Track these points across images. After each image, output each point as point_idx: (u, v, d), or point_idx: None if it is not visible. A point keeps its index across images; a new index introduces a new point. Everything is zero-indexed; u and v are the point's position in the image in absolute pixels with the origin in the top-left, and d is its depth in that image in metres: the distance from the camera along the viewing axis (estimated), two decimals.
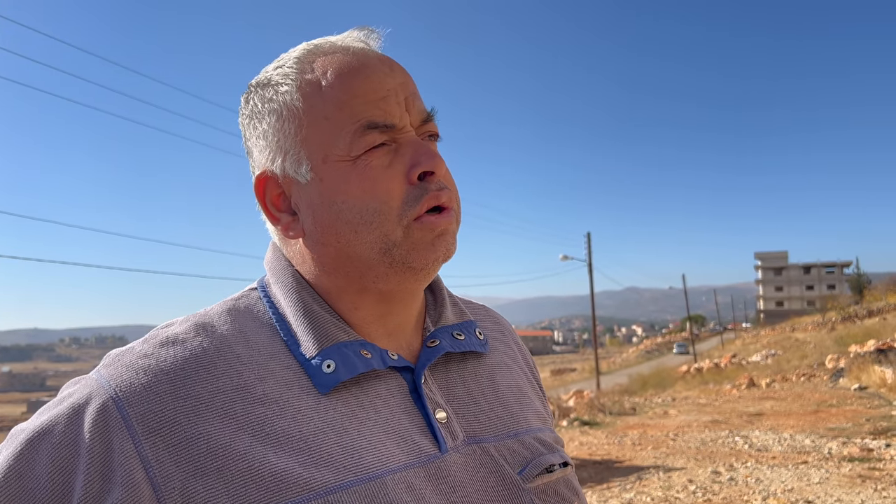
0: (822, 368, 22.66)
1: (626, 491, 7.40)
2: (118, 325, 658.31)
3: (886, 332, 24.61)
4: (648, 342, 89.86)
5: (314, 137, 0.71)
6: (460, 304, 0.88)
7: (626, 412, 15.15)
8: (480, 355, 0.84)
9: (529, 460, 0.77)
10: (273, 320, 0.73)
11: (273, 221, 0.76)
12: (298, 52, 0.76)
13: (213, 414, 0.64)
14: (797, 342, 31.76)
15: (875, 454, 8.78)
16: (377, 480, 0.65)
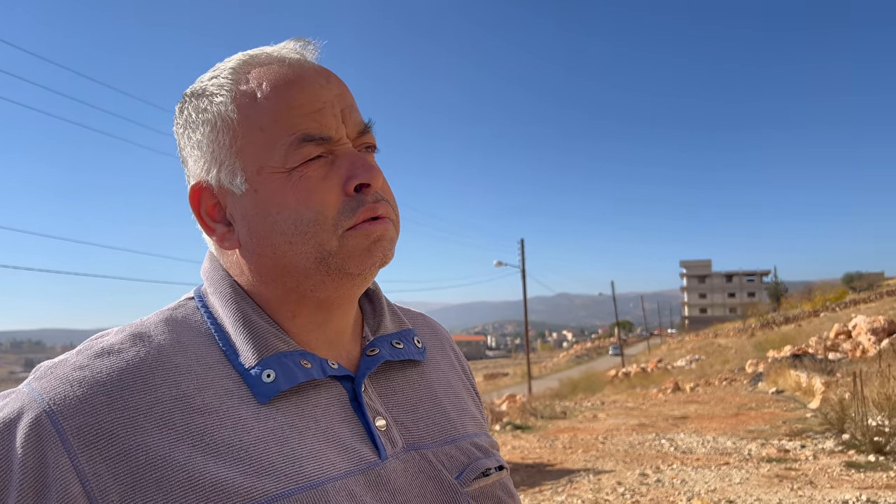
0: (742, 373, 23.59)
1: (558, 494, 7.53)
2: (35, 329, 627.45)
3: (801, 338, 25.83)
4: (578, 347, 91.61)
5: (249, 149, 0.71)
6: (399, 312, 0.89)
7: (557, 416, 15.41)
8: (418, 363, 0.85)
9: (466, 465, 0.79)
10: (211, 330, 0.73)
11: (208, 232, 0.75)
12: (234, 62, 0.75)
13: (151, 425, 0.63)
14: (720, 347, 32.95)
15: (791, 455, 9.20)
16: (318, 489, 0.65)
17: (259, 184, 0.71)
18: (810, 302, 38.29)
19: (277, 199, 0.70)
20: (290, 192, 0.70)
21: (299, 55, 0.76)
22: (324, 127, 0.71)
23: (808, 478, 7.74)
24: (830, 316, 29.25)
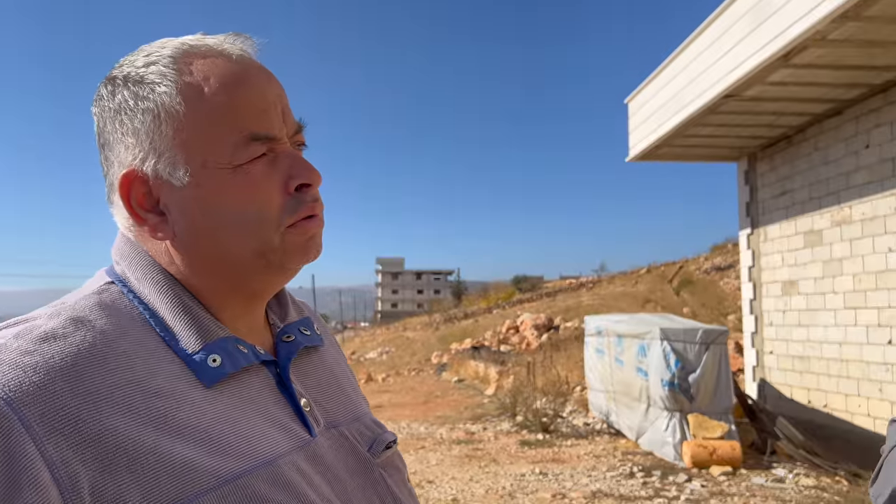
0: (429, 364, 25.45)
1: None
2: None
3: (479, 332, 28.69)
4: None
5: (194, 142, 0.71)
6: (297, 301, 0.94)
7: None
8: (318, 348, 0.90)
9: (373, 439, 0.87)
10: (145, 316, 0.72)
11: (139, 222, 0.74)
12: (171, 50, 0.74)
13: (114, 409, 0.62)
14: (408, 340, 35.07)
15: (476, 437, 10.24)
16: (273, 465, 0.69)
17: (203, 178, 0.71)
18: (486, 300, 42.69)
19: (222, 195, 0.71)
20: (235, 189, 0.71)
21: (242, 51, 0.76)
22: (269, 126, 0.73)
23: (491, 456, 8.69)
24: (502, 313, 32.98)
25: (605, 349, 10.19)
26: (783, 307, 9.11)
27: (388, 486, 0.83)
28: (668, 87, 9.07)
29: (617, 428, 9.86)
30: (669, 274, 27.61)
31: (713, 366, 8.09)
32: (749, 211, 9.91)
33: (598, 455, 8.57)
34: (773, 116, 8.33)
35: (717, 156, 10.35)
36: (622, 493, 6.70)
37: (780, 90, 7.42)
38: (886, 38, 6.07)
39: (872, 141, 7.51)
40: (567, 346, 18.78)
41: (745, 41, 6.98)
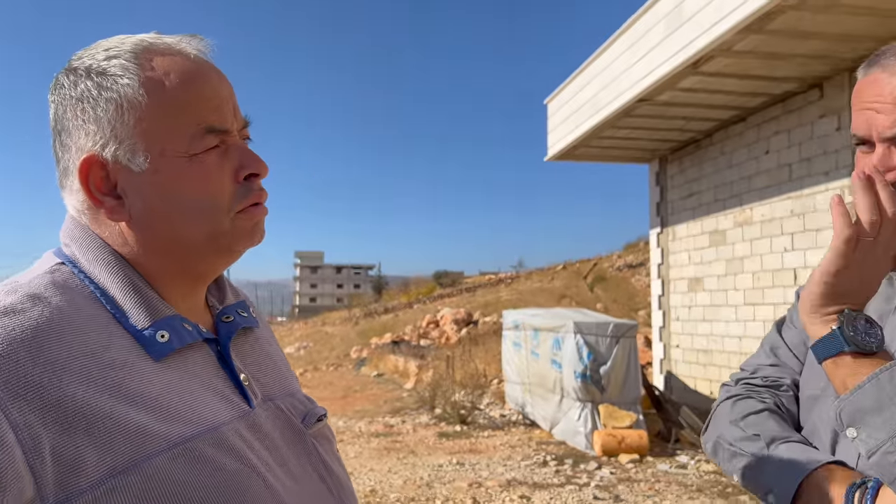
0: (347, 359, 25.29)
1: None
2: None
3: (399, 326, 28.73)
4: None
5: (154, 132, 0.77)
6: (233, 286, 1.00)
7: None
8: (254, 329, 0.97)
9: (305, 413, 0.94)
10: (96, 294, 0.76)
11: (96, 204, 0.78)
12: (131, 46, 0.79)
13: (73, 378, 0.67)
14: (327, 335, 34.71)
15: (395, 429, 10.30)
16: (218, 430, 0.76)
17: (161, 165, 0.77)
18: (407, 295, 42.74)
19: (179, 181, 0.78)
20: (191, 176, 0.78)
21: (198, 51, 0.83)
22: (223, 120, 0.80)
23: (410, 448, 8.78)
24: (423, 307, 33.13)
25: (521, 342, 10.45)
26: (689, 303, 9.59)
27: (320, 453, 0.91)
28: (585, 90, 9.38)
29: (532, 419, 10.13)
30: (584, 271, 28.45)
31: (623, 358, 8.44)
32: (659, 211, 10.37)
33: (514, 445, 8.80)
34: (683, 121, 8.75)
35: (630, 157, 10.78)
36: (535, 481, 6.91)
37: (690, 96, 7.81)
38: (786, 52, 6.49)
39: (772, 147, 8.01)
40: (486, 340, 19.08)
41: (659, 48, 7.31)
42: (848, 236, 0.91)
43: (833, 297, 0.94)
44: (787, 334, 1.24)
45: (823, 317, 0.95)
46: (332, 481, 0.90)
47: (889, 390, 0.87)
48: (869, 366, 0.90)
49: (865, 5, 5.48)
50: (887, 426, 0.86)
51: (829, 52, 6.44)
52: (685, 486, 6.62)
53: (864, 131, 1.01)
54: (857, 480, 0.93)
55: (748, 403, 1.17)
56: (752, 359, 1.29)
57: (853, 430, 0.90)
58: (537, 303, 23.66)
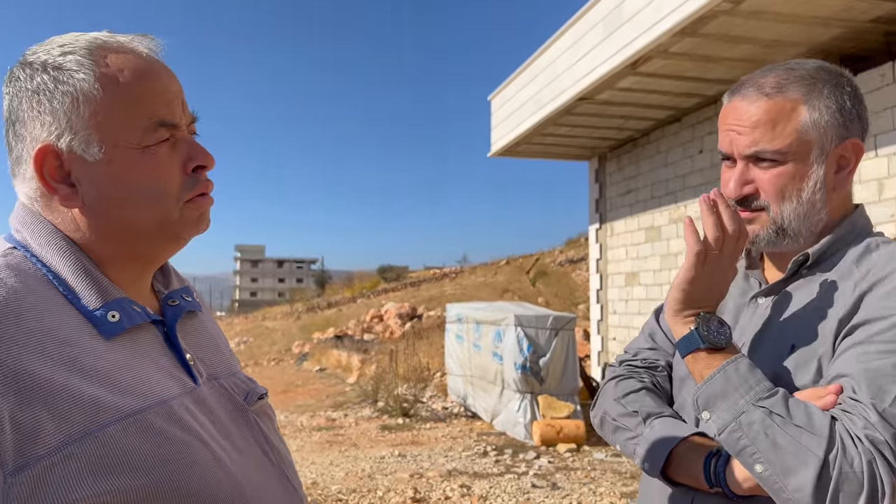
0: (289, 353, 25.03)
1: None
2: None
3: (342, 321, 28.56)
4: None
5: (108, 124, 0.82)
6: (178, 273, 1.05)
7: None
8: (198, 313, 1.02)
9: (247, 391, 0.99)
10: (48, 277, 0.81)
11: (50, 191, 0.83)
12: (86, 43, 0.84)
13: (30, 353, 0.71)
14: (268, 330, 34.23)
15: (337, 423, 10.30)
16: (167, 404, 0.81)
17: (115, 155, 0.82)
18: (350, 289, 42.45)
19: (131, 171, 0.83)
20: (143, 167, 0.83)
21: (149, 49, 0.88)
22: (173, 115, 0.86)
23: (352, 441, 8.80)
24: (367, 302, 33.01)
25: (464, 335, 10.57)
26: (626, 297, 9.87)
27: (262, 429, 0.97)
28: (528, 87, 9.53)
29: (473, 411, 10.27)
30: (527, 266, 28.84)
31: (562, 350, 8.65)
32: (598, 207, 10.62)
33: (455, 436, 8.91)
34: (622, 120, 8.99)
35: (571, 154, 11.00)
36: (476, 470, 7.03)
37: (628, 96, 8.03)
38: (719, 54, 6.75)
39: (706, 147, 8.32)
40: (429, 334, 19.17)
41: (599, 48, 7.50)
42: (698, 251, 1.10)
43: (689, 303, 1.12)
44: (664, 321, 1.40)
45: (684, 319, 1.13)
46: (274, 454, 0.96)
47: (734, 380, 1.04)
48: (720, 359, 1.08)
49: (791, 13, 5.76)
50: (732, 409, 1.03)
51: (759, 56, 6.72)
52: (620, 474, 6.84)
53: (728, 149, 1.18)
54: (713, 450, 1.12)
55: (629, 383, 1.34)
56: (633, 342, 1.46)
57: (707, 413, 1.07)
58: (481, 297, 23.88)
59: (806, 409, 0.98)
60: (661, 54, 6.75)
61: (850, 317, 1.06)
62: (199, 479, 0.77)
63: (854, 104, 1.15)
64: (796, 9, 5.69)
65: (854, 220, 1.19)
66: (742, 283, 1.28)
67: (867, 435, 0.94)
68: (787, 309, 1.17)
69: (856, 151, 1.16)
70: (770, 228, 1.16)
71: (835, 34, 6.11)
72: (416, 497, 5.96)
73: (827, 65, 1.19)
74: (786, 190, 1.13)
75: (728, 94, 1.22)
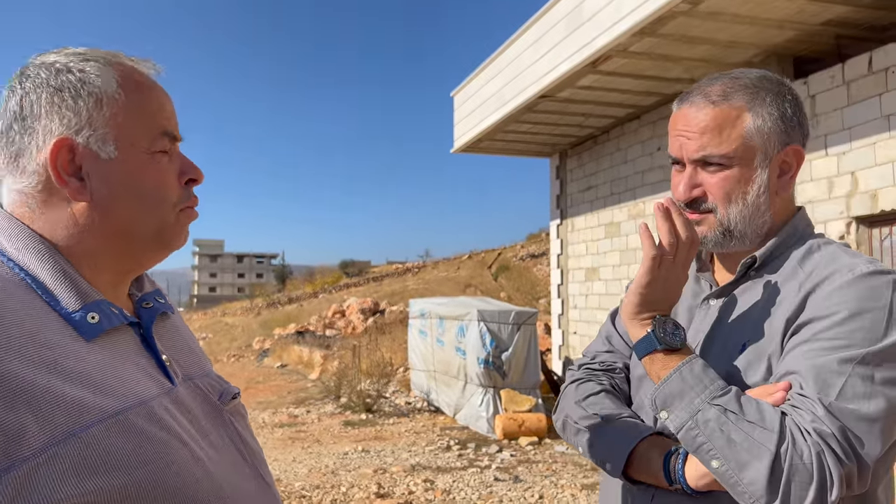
0: (249, 349, 24.75)
1: None
2: None
3: (304, 316, 28.37)
4: None
5: (126, 126, 0.88)
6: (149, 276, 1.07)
7: None
8: (170, 315, 1.05)
9: (221, 391, 1.02)
10: (27, 281, 0.82)
11: (60, 183, 0.85)
12: (104, 54, 0.91)
13: (12, 357, 0.72)
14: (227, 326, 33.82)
15: (299, 419, 10.24)
16: (147, 404, 0.83)
17: (128, 155, 0.88)
18: (312, 284, 42.14)
19: (141, 173, 0.89)
20: (151, 170, 0.90)
21: (154, 72, 0.96)
22: (174, 128, 0.94)
23: (315, 437, 8.77)
24: (328, 297, 32.81)
25: (427, 331, 10.60)
26: (586, 291, 10.02)
27: (235, 427, 1.00)
28: (490, 84, 9.59)
29: (437, 405, 10.32)
30: (489, 261, 29.01)
31: (524, 345, 8.75)
32: (559, 203, 10.75)
33: (419, 431, 8.95)
34: (582, 117, 9.11)
35: (532, 151, 11.10)
36: (439, 465, 7.08)
37: (589, 94, 8.14)
38: (677, 54, 6.89)
39: (664, 144, 8.47)
40: (392, 329, 19.16)
41: (560, 46, 7.58)
42: (654, 256, 1.14)
43: (646, 306, 1.16)
44: (620, 324, 1.45)
45: (641, 321, 1.17)
46: (247, 451, 0.99)
47: (689, 380, 1.08)
48: (676, 360, 1.11)
49: (747, 15, 5.91)
50: (688, 408, 1.06)
51: (716, 56, 6.88)
52: (580, 466, 6.96)
53: (677, 154, 1.23)
54: (671, 448, 1.16)
55: (588, 386, 1.38)
56: (591, 345, 1.49)
57: (665, 412, 1.10)
58: (443, 292, 23.95)
59: (758, 406, 1.02)
60: (620, 53, 6.86)
61: (796, 316, 1.10)
62: (178, 478, 0.79)
63: (794, 112, 1.20)
64: (752, 11, 5.84)
65: (796, 223, 1.24)
66: (694, 285, 1.33)
67: (815, 428, 0.98)
68: (736, 310, 1.21)
69: (797, 157, 1.21)
70: (717, 230, 1.20)
71: (788, 36, 6.29)
72: (380, 492, 5.99)
73: (770, 74, 1.23)
74: (732, 193, 1.18)
75: (677, 101, 1.26)
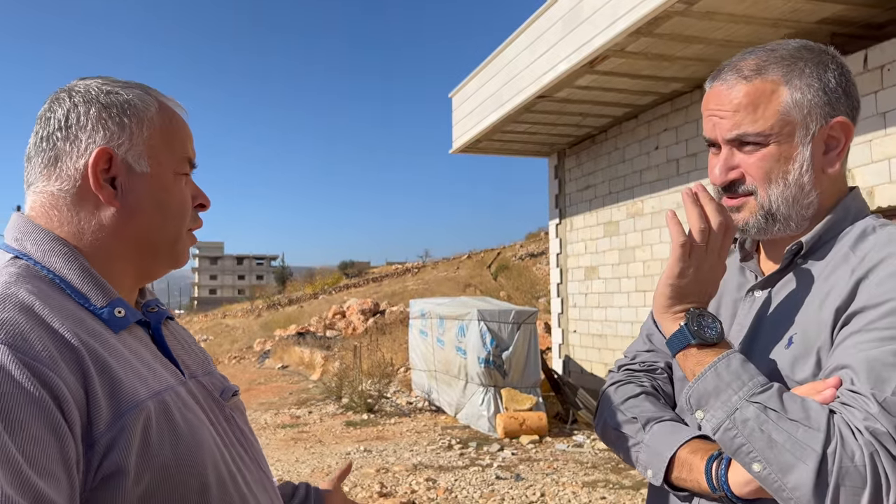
0: (250, 351, 24.75)
1: None
2: None
3: (304, 317, 28.39)
4: None
5: (159, 147, 0.99)
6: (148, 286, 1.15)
7: None
8: (170, 319, 1.12)
9: (223, 388, 1.09)
10: (55, 281, 0.89)
11: (97, 188, 0.93)
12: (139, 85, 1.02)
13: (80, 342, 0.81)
14: (228, 328, 33.83)
15: (301, 420, 10.28)
16: (173, 389, 0.91)
17: (157, 172, 0.98)
18: (312, 285, 42.12)
19: (167, 188, 0.99)
20: (174, 188, 1.00)
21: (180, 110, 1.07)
22: (194, 157, 1.06)
23: (317, 437, 8.81)
24: (329, 298, 32.82)
25: (427, 331, 10.64)
26: (585, 290, 10.06)
27: (237, 422, 1.07)
28: (488, 85, 9.63)
29: (438, 405, 10.36)
30: (488, 260, 29.04)
31: (524, 344, 8.79)
32: (558, 203, 10.79)
33: (420, 431, 8.99)
34: (580, 117, 9.15)
35: (530, 151, 11.15)
36: (441, 464, 7.13)
37: (586, 93, 8.18)
38: (673, 53, 6.93)
39: (661, 143, 8.52)
40: (393, 329, 19.20)
41: (557, 47, 7.63)
42: (682, 242, 1.06)
43: (678, 298, 1.08)
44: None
45: (673, 315, 1.09)
46: (248, 445, 1.06)
47: (725, 376, 1.00)
48: (712, 355, 1.03)
49: (742, 14, 5.95)
50: (725, 407, 0.98)
51: (712, 55, 6.92)
52: (581, 464, 7.01)
53: (711, 134, 1.15)
54: (714, 453, 1.08)
55: (628, 388, 1.30)
56: (632, 345, 1.41)
57: (700, 412, 1.03)
58: (443, 292, 23.99)
59: (802, 403, 0.94)
60: (617, 53, 6.91)
61: (847, 305, 1.01)
62: (208, 457, 0.88)
63: (840, 82, 1.11)
64: (747, 10, 5.89)
65: (847, 203, 1.14)
66: (738, 276, 1.24)
67: (868, 426, 0.89)
68: (783, 301, 1.13)
69: (844, 130, 1.11)
70: (759, 214, 1.12)
71: (784, 34, 6.33)
72: (383, 491, 6.03)
73: (810, 44, 1.14)
74: (771, 172, 1.10)
75: (709, 79, 1.18)
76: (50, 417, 0.73)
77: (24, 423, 0.71)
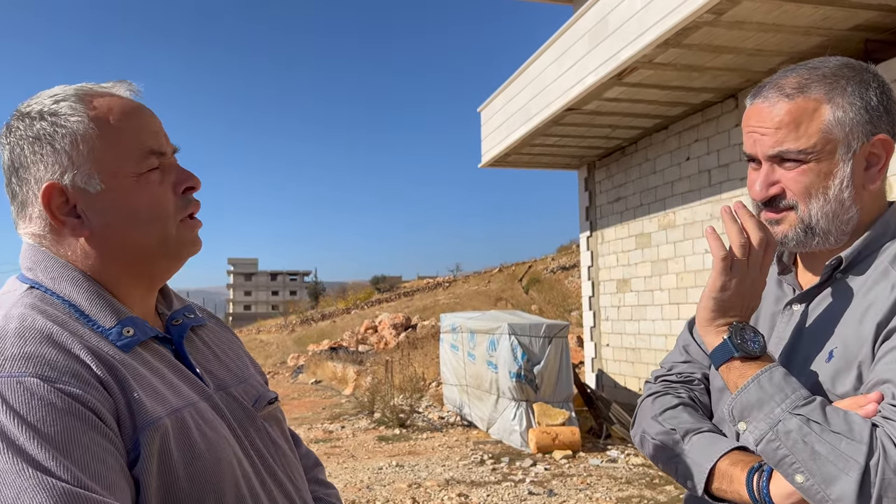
0: (284, 366, 24.99)
1: None
2: None
3: (336, 332, 28.55)
4: None
5: (106, 158, 0.92)
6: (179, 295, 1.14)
7: None
8: (203, 328, 1.11)
9: (257, 397, 1.07)
10: (67, 308, 0.89)
11: (58, 225, 0.91)
12: (74, 91, 0.94)
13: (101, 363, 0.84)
14: (262, 343, 34.13)
15: (334, 435, 10.33)
16: (194, 405, 0.91)
17: (114, 184, 0.92)
18: (344, 301, 42.32)
19: (130, 197, 0.93)
20: (140, 193, 0.93)
21: (130, 92, 0.99)
22: (160, 145, 0.97)
23: (349, 452, 8.84)
24: (361, 313, 32.96)
25: (458, 345, 10.63)
26: (618, 303, 9.97)
27: (268, 432, 1.05)
28: (516, 99, 9.65)
29: (469, 419, 10.32)
30: (519, 273, 28.93)
31: (556, 358, 8.72)
32: (588, 215, 10.74)
33: (452, 446, 8.96)
34: (609, 129, 9.12)
35: (560, 164, 11.12)
36: (473, 479, 7.09)
37: (615, 105, 8.16)
38: (702, 64, 6.88)
39: (692, 154, 8.44)
40: (424, 343, 19.21)
41: (585, 59, 7.63)
42: (724, 256, 1.09)
43: (721, 312, 1.11)
44: (697, 333, 1.36)
45: (716, 328, 1.11)
46: (279, 456, 1.04)
47: (769, 389, 1.02)
48: (755, 368, 1.06)
49: (772, 23, 5.89)
50: (767, 419, 1.00)
51: (742, 64, 6.86)
52: (615, 479, 6.92)
53: (752, 150, 1.17)
54: (755, 464, 1.09)
55: (665, 399, 1.31)
56: (668, 356, 1.43)
57: (743, 424, 1.05)
58: (474, 306, 23.94)
59: (845, 417, 0.96)
60: (646, 65, 6.88)
61: (888, 320, 1.03)
62: (225, 474, 0.88)
63: (882, 100, 1.12)
64: (777, 19, 5.83)
65: (887, 218, 1.15)
66: (776, 289, 1.26)
67: None
68: (822, 315, 1.14)
69: (885, 147, 1.13)
70: (798, 227, 1.13)
71: (815, 42, 6.26)
72: None
73: (851, 61, 1.15)
74: (812, 188, 1.11)
75: (750, 96, 1.20)
76: (103, 433, 0.77)
77: (88, 445, 0.76)
